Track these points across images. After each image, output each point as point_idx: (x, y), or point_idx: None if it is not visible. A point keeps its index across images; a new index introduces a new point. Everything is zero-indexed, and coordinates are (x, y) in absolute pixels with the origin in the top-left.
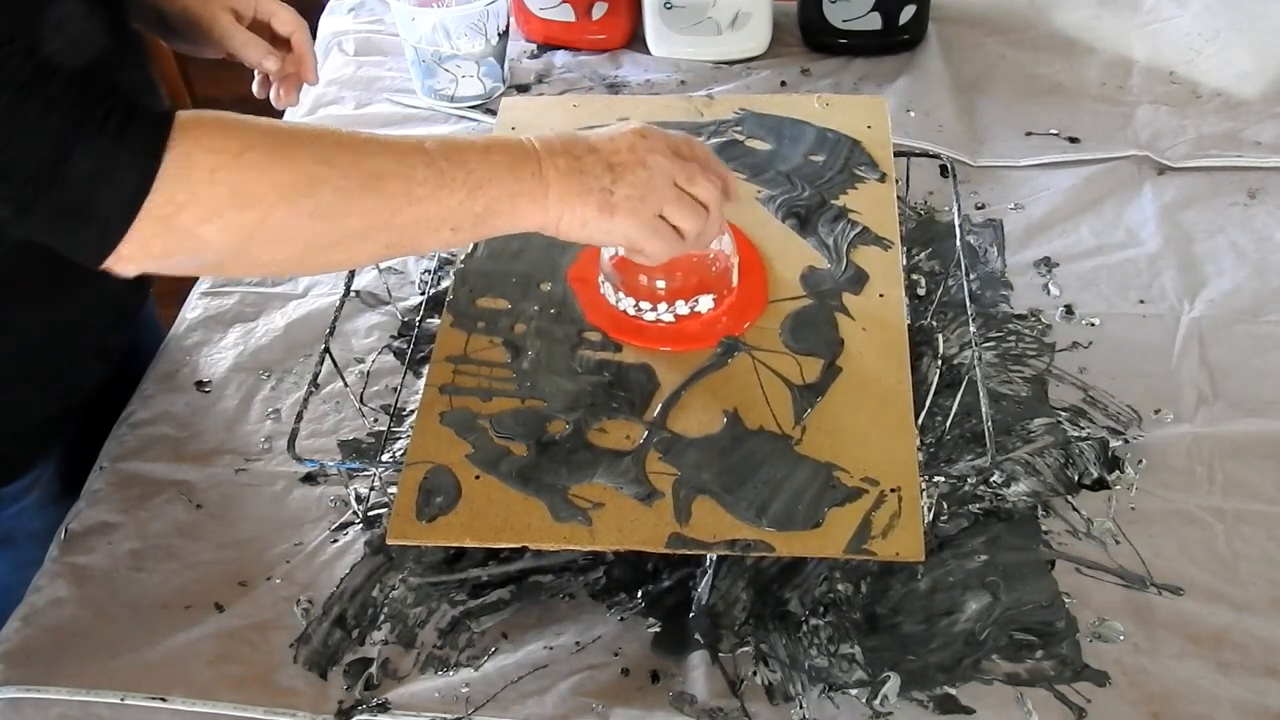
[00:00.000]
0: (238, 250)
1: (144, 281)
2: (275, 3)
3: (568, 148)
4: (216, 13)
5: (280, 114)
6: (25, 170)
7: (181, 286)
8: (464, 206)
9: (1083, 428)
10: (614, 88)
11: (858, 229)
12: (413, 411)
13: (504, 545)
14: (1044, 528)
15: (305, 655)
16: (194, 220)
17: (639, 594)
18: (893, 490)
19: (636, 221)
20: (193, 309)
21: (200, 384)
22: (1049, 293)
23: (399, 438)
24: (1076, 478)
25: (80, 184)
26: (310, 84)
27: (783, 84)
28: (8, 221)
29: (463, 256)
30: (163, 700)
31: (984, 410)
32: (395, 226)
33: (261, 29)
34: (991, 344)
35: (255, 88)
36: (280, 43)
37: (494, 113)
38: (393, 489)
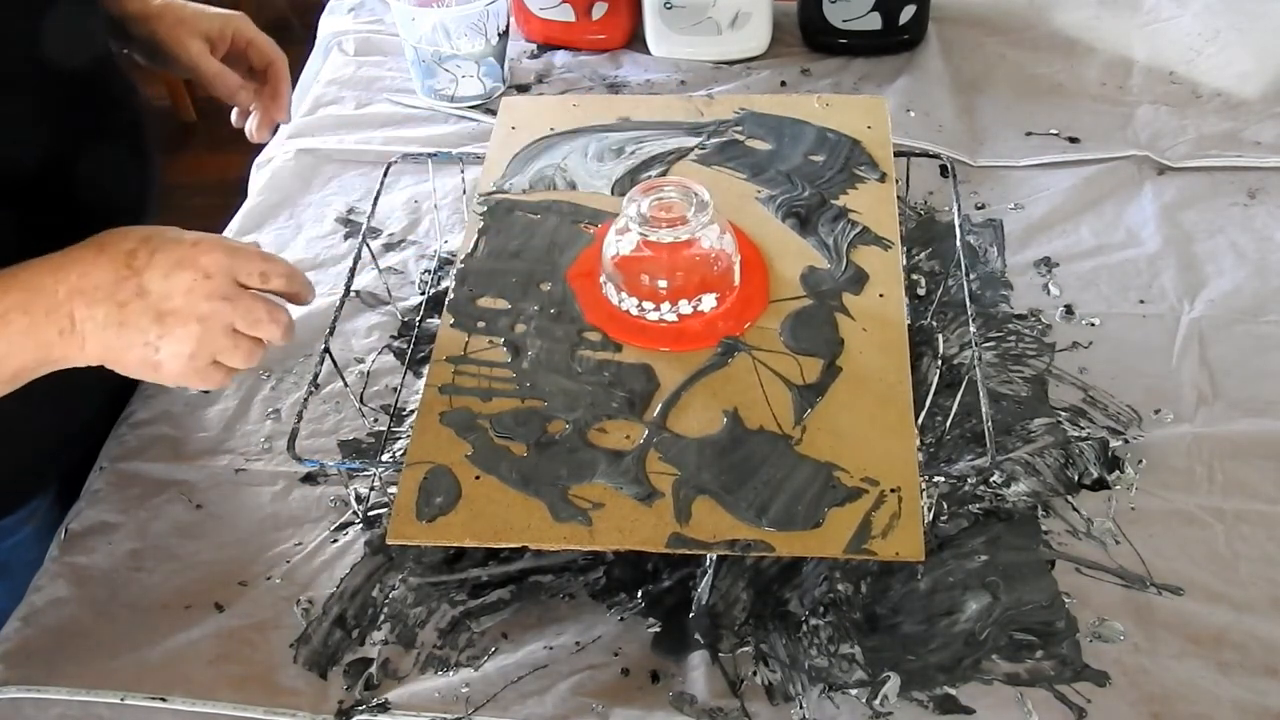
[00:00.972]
0: None
1: None
2: (253, 30)
3: (112, 293)
4: (185, 40)
5: (260, 146)
6: None
7: None
8: None
9: (1083, 428)
10: (614, 88)
11: (858, 229)
12: (413, 411)
13: (504, 545)
14: (1044, 528)
15: (305, 655)
16: None
17: (639, 594)
18: (893, 490)
19: (180, 372)
20: None
21: None
22: (1049, 293)
23: (399, 438)
24: (1076, 478)
25: None
26: (283, 123)
27: (783, 84)
28: None
29: (463, 256)
30: (163, 700)
31: (984, 410)
32: None
33: (239, 58)
34: (991, 344)
35: (234, 117)
36: (258, 74)
37: (494, 113)
38: (393, 489)
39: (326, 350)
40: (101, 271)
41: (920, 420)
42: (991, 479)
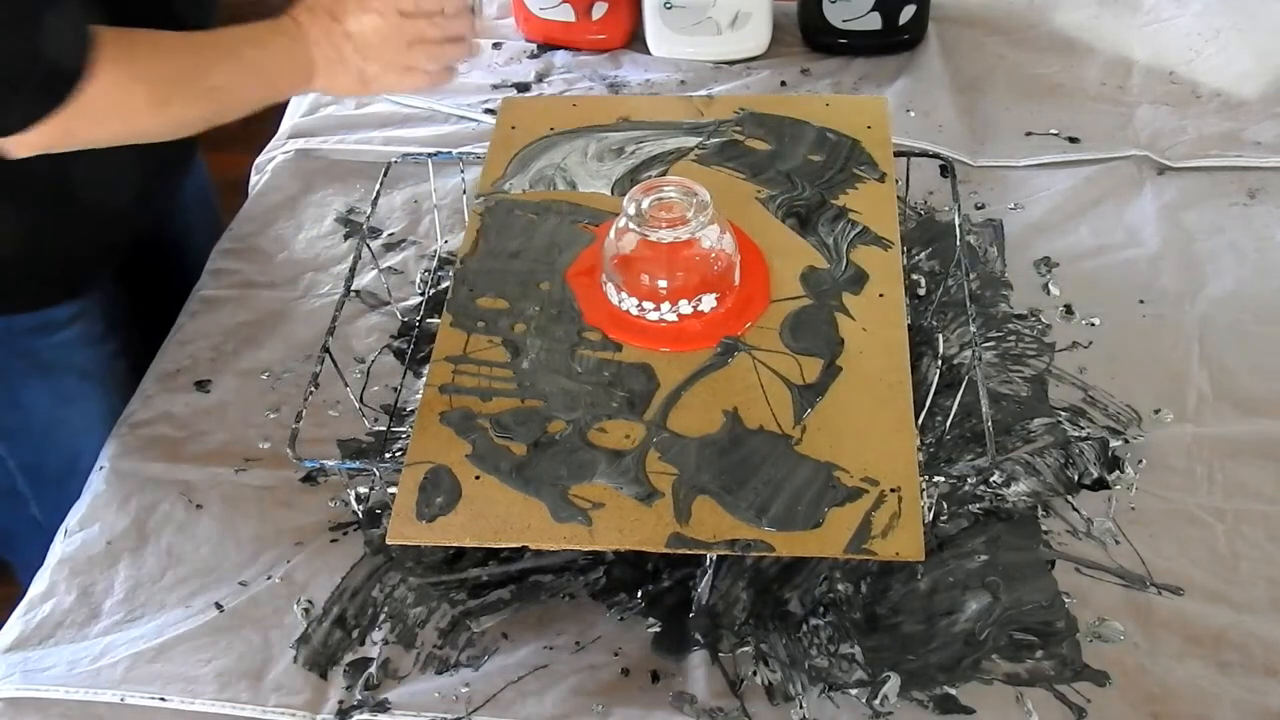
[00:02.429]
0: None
1: (189, 141)
2: None
3: (328, 36)
4: None
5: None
6: None
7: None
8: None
9: (1083, 428)
10: (614, 88)
11: (858, 229)
12: (413, 411)
13: (504, 545)
14: (1044, 528)
15: (305, 655)
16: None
17: (639, 594)
18: (893, 490)
19: (387, 82)
20: (193, 309)
21: (200, 384)
22: (1049, 293)
23: (399, 438)
24: (1076, 478)
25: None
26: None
27: (783, 84)
28: None
29: (463, 256)
30: (162, 700)
31: (984, 410)
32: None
33: None
34: (991, 344)
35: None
36: None
37: (494, 112)
38: (393, 489)
39: (326, 350)
40: (310, 21)
41: (920, 420)
42: (991, 479)
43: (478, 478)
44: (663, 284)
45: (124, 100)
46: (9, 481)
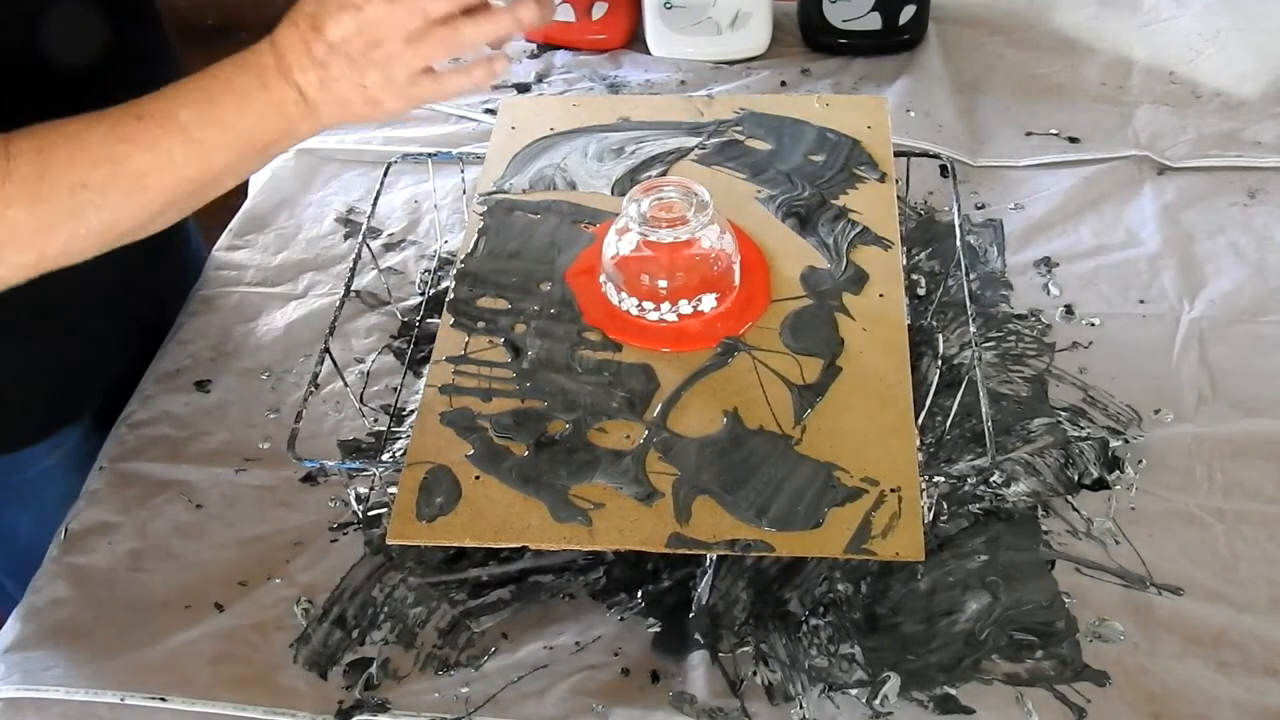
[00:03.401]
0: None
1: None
2: None
3: (308, 54)
4: None
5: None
6: None
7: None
8: (232, 165)
9: (1083, 428)
10: (614, 88)
11: (858, 229)
12: (413, 411)
13: (504, 545)
14: (1044, 528)
15: (305, 655)
16: None
17: (639, 594)
18: (893, 490)
19: (400, 96)
20: (193, 309)
21: (200, 384)
22: (1049, 293)
23: (399, 438)
24: (1076, 478)
25: None
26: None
27: (783, 84)
28: None
29: (463, 256)
30: (163, 700)
31: (984, 410)
32: (172, 191)
33: None
34: (991, 344)
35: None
36: None
37: (494, 112)
38: (393, 489)
39: (326, 350)
40: (290, 39)
41: (920, 420)
42: (991, 479)
43: (478, 478)
44: (663, 284)
45: (36, 226)
46: None
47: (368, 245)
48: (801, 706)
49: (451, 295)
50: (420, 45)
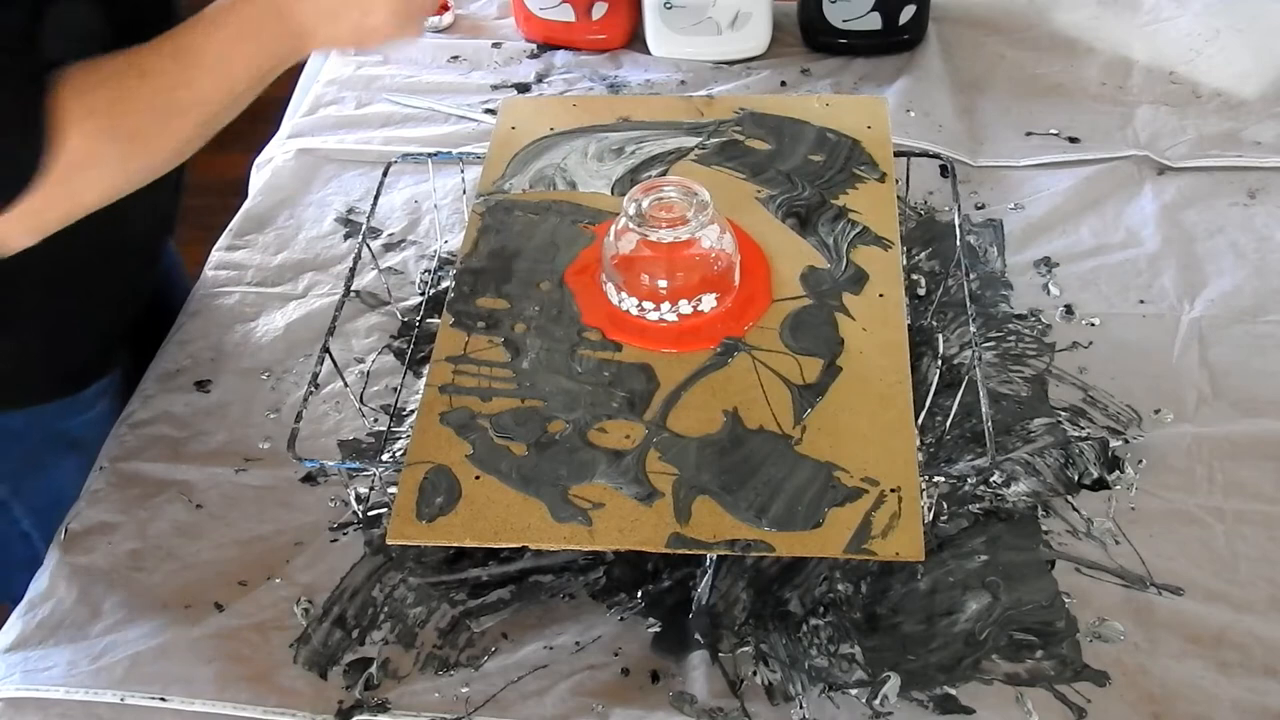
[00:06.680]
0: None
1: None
2: None
3: None
4: None
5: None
6: None
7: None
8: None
9: (1083, 428)
10: (614, 88)
11: (858, 229)
12: (413, 411)
13: (504, 545)
14: (1044, 528)
15: (305, 655)
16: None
17: (639, 594)
18: (893, 490)
19: (388, 29)
20: (193, 309)
21: (200, 384)
22: (1049, 293)
23: (399, 438)
24: (1076, 478)
25: None
26: None
27: (783, 84)
28: None
29: (463, 256)
30: (163, 700)
31: (984, 410)
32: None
33: None
34: (991, 344)
35: None
36: None
37: (494, 112)
38: (393, 489)
39: (326, 350)
40: None
41: (920, 420)
42: (991, 479)
43: (478, 478)
44: (663, 284)
45: (99, 159)
46: (31, 552)
47: (368, 245)
48: (801, 706)
49: (451, 295)
50: None
